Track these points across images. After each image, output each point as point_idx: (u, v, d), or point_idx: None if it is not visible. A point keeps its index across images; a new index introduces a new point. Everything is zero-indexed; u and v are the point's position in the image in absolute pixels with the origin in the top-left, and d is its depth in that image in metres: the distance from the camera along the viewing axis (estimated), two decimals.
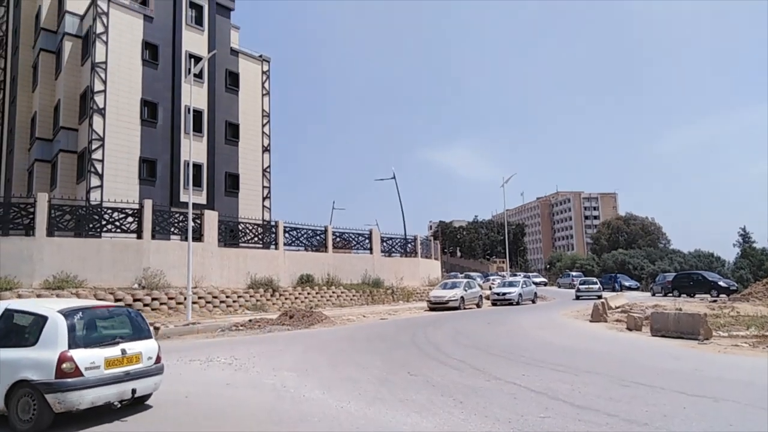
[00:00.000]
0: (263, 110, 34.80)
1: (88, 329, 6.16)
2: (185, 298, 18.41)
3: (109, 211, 20.47)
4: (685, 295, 30.44)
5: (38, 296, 16.98)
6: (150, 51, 29.29)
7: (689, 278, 32.25)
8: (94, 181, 26.14)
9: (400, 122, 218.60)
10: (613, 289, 38.03)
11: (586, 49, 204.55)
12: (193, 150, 22.06)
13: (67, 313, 6.04)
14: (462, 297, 25.55)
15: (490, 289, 34.56)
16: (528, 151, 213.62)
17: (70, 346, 5.75)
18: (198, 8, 31.91)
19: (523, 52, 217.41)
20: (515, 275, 45.29)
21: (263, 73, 35.28)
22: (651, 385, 7.52)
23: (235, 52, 33.82)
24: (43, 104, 30.51)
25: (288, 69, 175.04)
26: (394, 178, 42.15)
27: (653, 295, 35.20)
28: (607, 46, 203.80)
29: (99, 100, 26.75)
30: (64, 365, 5.59)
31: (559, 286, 54.08)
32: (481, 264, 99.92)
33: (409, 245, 34.08)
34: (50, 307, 6.22)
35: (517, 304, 28.16)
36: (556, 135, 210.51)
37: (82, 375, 5.67)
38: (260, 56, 35.38)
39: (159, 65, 29.53)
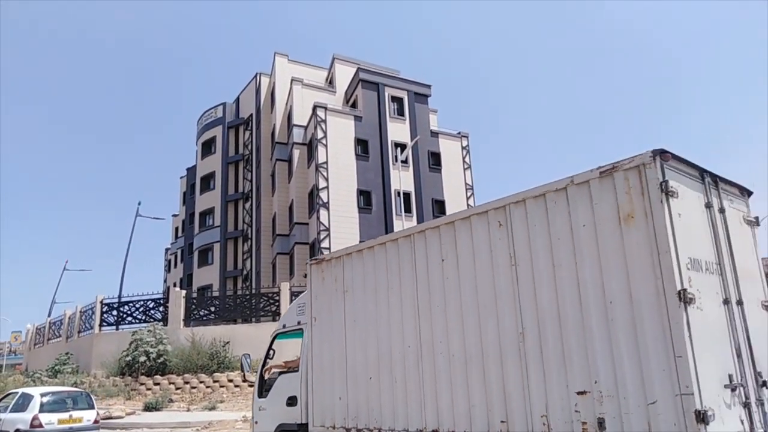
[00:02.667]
0: (466, 184, 35.57)
1: (53, 403, 11.25)
2: None
3: None
4: None
5: None
6: (361, 146, 32.52)
7: None
8: None
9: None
10: None
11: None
12: None
13: (42, 394, 11.41)
14: None
15: None
16: None
17: (39, 411, 10.81)
18: (399, 101, 34.78)
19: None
20: None
21: (463, 148, 36.42)
22: None
23: (435, 134, 35.70)
24: (281, 205, 35.55)
25: (488, 139, 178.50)
26: None
27: None
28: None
29: (323, 195, 30.20)
30: (34, 421, 10.61)
31: None
32: None
33: None
34: (37, 391, 11.72)
35: None
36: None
37: (43, 427, 10.66)
38: (458, 133, 36.71)
39: (369, 157, 32.49)
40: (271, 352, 8.17)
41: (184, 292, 22.99)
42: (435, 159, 34.89)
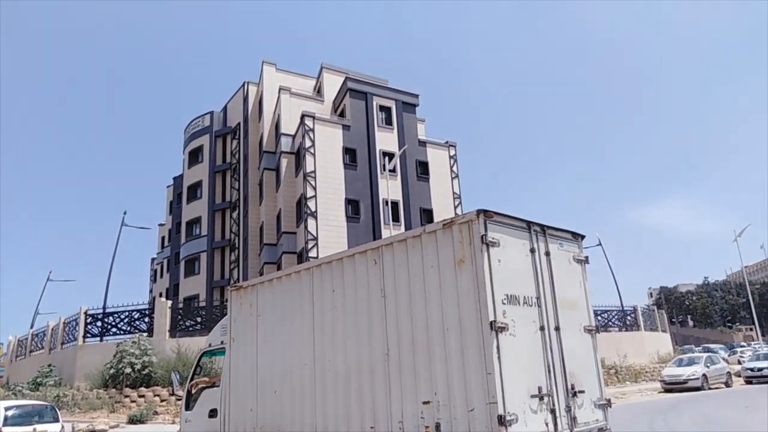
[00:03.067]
0: (454, 192, 35.70)
1: (17, 416, 11.17)
2: None
3: None
4: None
5: None
6: (349, 155, 32.53)
7: None
8: None
9: (599, 185, 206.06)
10: None
11: None
12: None
13: (6, 407, 11.34)
14: (704, 374, 21.70)
15: (740, 363, 28.96)
16: (761, 196, 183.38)
17: (3, 425, 10.66)
18: (387, 110, 34.90)
19: (724, 82, 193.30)
20: None
21: (450, 157, 36.58)
22: None
23: (422, 143, 35.83)
24: (268, 215, 35.38)
25: (475, 147, 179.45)
26: (599, 244, 39.04)
27: None
28: None
29: (311, 204, 30.11)
30: None
31: None
32: (722, 333, 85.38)
33: (629, 317, 30.61)
34: (1, 405, 11.45)
35: None
36: None
37: None
38: (446, 142, 36.89)
39: (357, 166, 32.50)
40: (198, 369, 8.90)
41: (170, 302, 22.68)
42: (423, 168, 34.98)
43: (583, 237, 6.48)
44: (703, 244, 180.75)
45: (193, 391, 8.49)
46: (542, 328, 5.39)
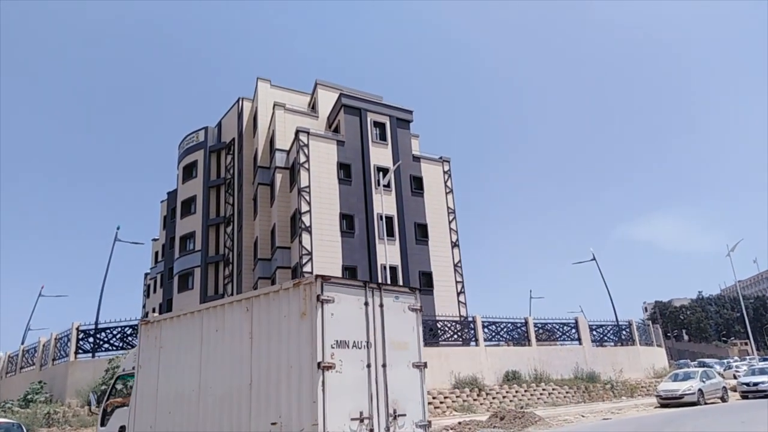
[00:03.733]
0: (448, 207, 35.77)
1: None
2: None
3: None
4: None
5: None
6: (344, 170, 32.61)
7: None
8: None
9: (592, 201, 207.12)
10: None
11: None
12: (388, 253, 23.15)
13: None
14: (700, 389, 21.62)
15: (735, 378, 28.94)
16: (753, 210, 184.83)
17: None
18: (381, 126, 35.08)
19: (729, 100, 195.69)
20: (766, 359, 37.55)
21: (445, 172, 36.72)
22: None
23: (417, 158, 35.97)
24: (262, 229, 35.30)
25: (468, 162, 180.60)
26: (594, 259, 39.14)
27: None
28: None
29: (306, 219, 30.08)
30: None
31: None
32: (717, 348, 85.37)
33: (624, 332, 30.58)
34: None
35: None
36: None
37: None
38: (440, 158, 37.05)
39: (352, 181, 32.57)
40: (114, 390, 10.21)
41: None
42: (417, 183, 35.09)
43: (417, 289, 8.11)
44: (696, 259, 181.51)
45: (108, 410, 9.82)
46: (369, 366, 6.68)
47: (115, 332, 21.76)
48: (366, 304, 6.89)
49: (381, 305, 7.07)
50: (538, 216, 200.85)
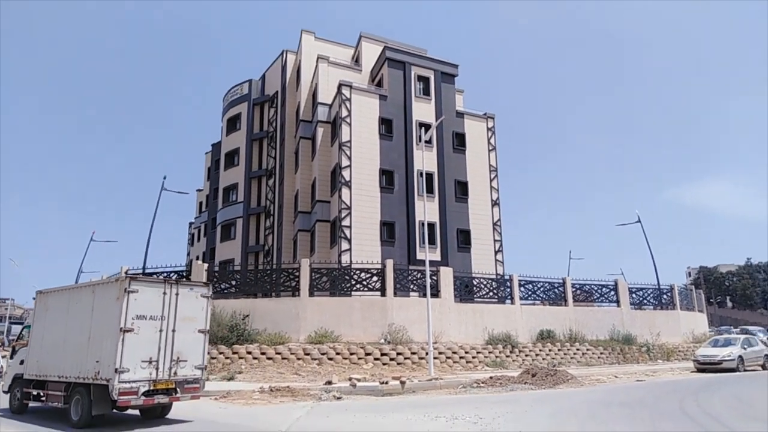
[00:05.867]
0: (490, 165, 35.31)
1: None
2: (426, 353, 18.96)
3: (358, 271, 22.54)
4: None
5: (304, 350, 19.29)
6: (385, 125, 32.44)
7: None
8: (344, 245, 29.28)
9: (640, 160, 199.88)
10: None
11: None
12: (427, 210, 23.19)
13: None
14: (740, 356, 21.35)
15: None
16: None
17: None
18: (425, 80, 34.51)
19: None
20: None
21: (488, 129, 36.07)
22: None
23: (460, 114, 35.40)
24: (303, 183, 35.80)
25: (513, 120, 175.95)
26: (639, 221, 38.16)
27: None
28: None
29: (346, 174, 30.31)
30: None
31: None
32: (762, 315, 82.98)
33: (665, 296, 30.07)
34: None
35: None
36: None
37: None
38: (484, 114, 36.34)
39: (393, 136, 32.42)
40: (21, 335, 13.67)
41: (206, 265, 23.36)
42: (459, 140, 34.65)
43: (208, 284, 11.22)
44: (748, 225, 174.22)
45: (16, 348, 13.12)
46: (161, 330, 9.87)
47: (162, 276, 22.82)
48: (164, 293, 10.09)
49: (177, 294, 10.24)
50: (583, 176, 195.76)
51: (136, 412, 10.73)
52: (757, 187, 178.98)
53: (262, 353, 19.06)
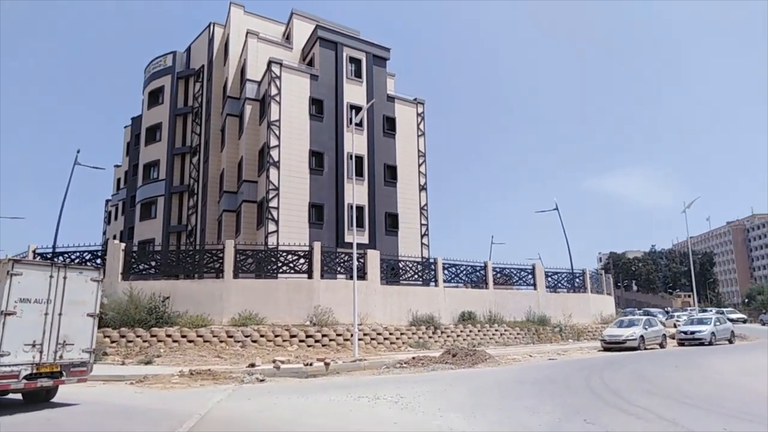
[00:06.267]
0: (419, 151, 35.80)
1: None
2: (352, 335, 19.17)
3: (285, 253, 22.33)
4: None
5: (227, 333, 18.95)
6: (316, 106, 32.04)
7: None
8: (271, 226, 28.84)
9: (560, 151, 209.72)
10: None
11: None
12: (356, 193, 23.33)
13: None
14: (642, 336, 23.11)
15: (675, 327, 30.87)
16: (713, 170, 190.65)
17: None
18: (357, 62, 34.30)
19: (698, 60, 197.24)
20: (705, 311, 40.02)
21: (418, 115, 36.48)
22: None
23: (391, 98, 35.53)
24: (229, 161, 34.80)
25: (441, 105, 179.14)
26: (556, 209, 40.17)
27: None
28: None
29: (274, 153, 29.75)
30: None
31: (763, 324, 46.48)
32: (663, 299, 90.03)
33: (577, 279, 31.96)
34: None
35: (710, 344, 24.71)
36: (745, 151, 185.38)
37: None
38: (415, 99, 36.69)
39: (324, 118, 32.11)
40: None
41: (123, 245, 22.30)
42: (390, 124, 34.83)
43: (99, 268, 10.86)
44: (655, 214, 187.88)
45: None
46: (47, 314, 9.54)
47: (73, 257, 21.54)
48: (51, 276, 9.78)
49: (65, 277, 9.95)
50: (510, 165, 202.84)
51: (19, 396, 10.27)
52: (665, 179, 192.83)
53: (183, 336, 18.54)
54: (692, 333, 25.41)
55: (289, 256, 22.19)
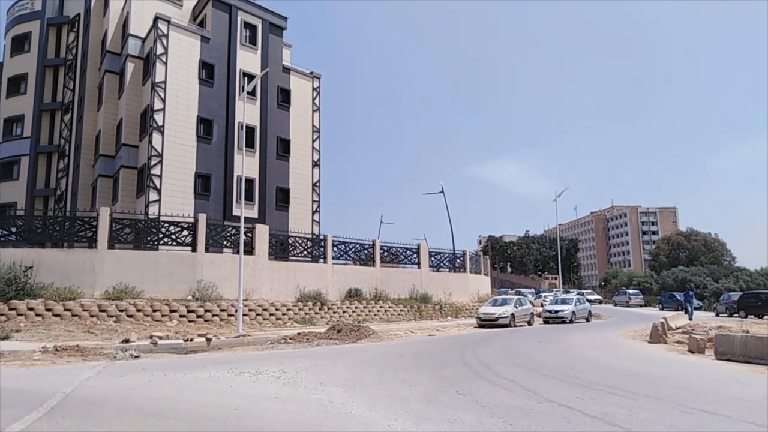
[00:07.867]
0: (313, 126, 35.45)
1: None
2: (236, 311, 18.79)
3: (166, 224, 21.22)
4: (752, 316, 28.69)
5: (99, 306, 17.74)
6: (206, 70, 30.46)
7: (757, 298, 30.36)
8: (153, 195, 27.21)
9: (449, 137, 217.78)
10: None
11: (642, 59, 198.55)
12: (246, 165, 22.64)
13: None
14: (513, 314, 24.98)
15: (542, 306, 33.65)
16: (582, 163, 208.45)
17: None
18: (252, 28, 33.00)
19: (573, 60, 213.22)
20: (568, 292, 44.01)
21: (314, 89, 36.01)
22: (716, 413, 7.04)
23: (287, 70, 34.72)
24: (107, 122, 32.15)
25: (337, 84, 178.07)
26: (442, 192, 41.94)
27: (717, 315, 33.36)
28: (664, 57, 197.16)
29: (158, 117, 27.94)
30: None
31: (615, 304, 52.16)
32: (533, 280, 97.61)
33: (458, 260, 33.71)
34: None
35: (570, 322, 27.29)
36: (610, 147, 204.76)
37: None
38: (311, 73, 36.15)
39: (214, 84, 30.65)
40: None
41: None
42: (284, 96, 34.07)
43: None
44: (531, 202, 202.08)
45: None
46: None
47: None
48: None
49: None
50: (397, 145, 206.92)
51: None
52: (539, 168, 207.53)
53: (48, 310, 17.08)
54: (556, 312, 27.91)
55: (172, 228, 21.13)
